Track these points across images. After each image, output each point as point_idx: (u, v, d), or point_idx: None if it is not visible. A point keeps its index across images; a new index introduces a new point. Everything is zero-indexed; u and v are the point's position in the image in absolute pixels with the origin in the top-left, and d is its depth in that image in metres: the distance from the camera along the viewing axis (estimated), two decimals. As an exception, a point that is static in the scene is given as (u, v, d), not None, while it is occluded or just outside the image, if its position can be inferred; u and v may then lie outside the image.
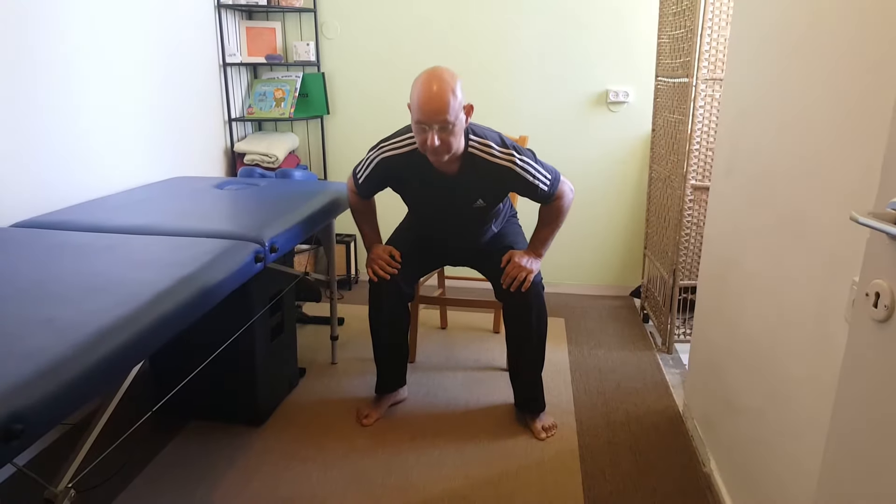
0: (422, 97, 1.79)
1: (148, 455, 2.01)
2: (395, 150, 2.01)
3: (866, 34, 1.09)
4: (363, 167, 2.09)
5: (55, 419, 1.01)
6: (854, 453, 0.87)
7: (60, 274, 1.44)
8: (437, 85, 1.78)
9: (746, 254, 1.68)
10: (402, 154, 2.00)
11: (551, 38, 3.18)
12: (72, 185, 2.17)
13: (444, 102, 1.77)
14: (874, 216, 0.78)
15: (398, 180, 2.10)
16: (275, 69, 3.42)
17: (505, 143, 1.98)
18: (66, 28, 2.11)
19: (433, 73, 1.81)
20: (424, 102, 1.78)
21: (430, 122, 1.80)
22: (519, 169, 1.94)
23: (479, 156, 1.95)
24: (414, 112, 1.83)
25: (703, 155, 2.55)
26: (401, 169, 2.03)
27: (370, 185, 2.11)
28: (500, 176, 1.96)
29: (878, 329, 0.81)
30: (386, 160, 2.02)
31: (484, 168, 1.95)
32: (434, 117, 1.79)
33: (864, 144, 1.09)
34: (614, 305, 3.35)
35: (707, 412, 1.99)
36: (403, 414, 2.27)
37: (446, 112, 1.78)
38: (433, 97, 1.77)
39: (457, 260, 2.33)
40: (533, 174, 1.96)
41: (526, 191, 2.00)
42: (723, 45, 2.42)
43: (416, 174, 2.02)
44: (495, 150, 1.95)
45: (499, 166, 1.95)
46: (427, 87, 1.79)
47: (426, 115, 1.79)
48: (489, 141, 1.95)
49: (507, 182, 1.98)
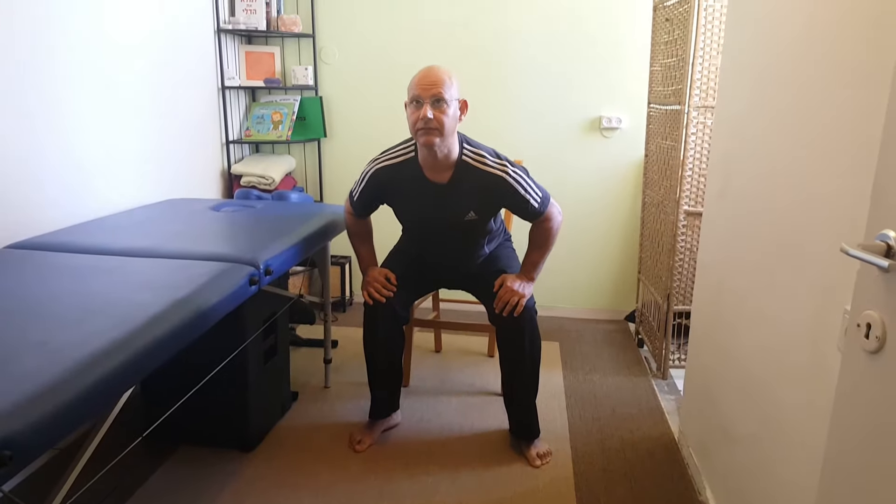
0: (419, 74, 1.90)
1: (137, 480, 1.98)
2: (388, 160, 2.06)
3: (857, 65, 1.11)
4: (358, 183, 2.14)
5: (45, 445, 1.00)
6: (849, 482, 0.87)
7: (55, 296, 1.43)
8: (433, 68, 1.90)
9: (740, 280, 1.69)
10: (395, 164, 2.05)
11: (546, 64, 3.22)
12: (68, 207, 2.17)
13: (440, 77, 1.87)
14: (864, 248, 0.79)
15: (391, 192, 2.12)
16: (273, 93, 3.45)
17: (499, 155, 2.03)
18: (67, 50, 2.13)
19: (432, 64, 1.93)
20: (421, 77, 1.89)
21: (424, 94, 1.87)
22: (511, 179, 1.98)
23: (472, 164, 1.99)
24: (410, 91, 1.91)
25: (696, 181, 2.57)
26: (394, 179, 2.06)
27: (365, 200, 2.14)
28: (493, 185, 1.99)
29: (870, 360, 0.82)
30: (379, 171, 2.07)
31: (476, 177, 1.99)
32: (429, 89, 1.86)
33: (855, 174, 1.10)
34: (609, 330, 3.35)
35: (702, 439, 1.99)
36: (397, 439, 2.25)
37: (441, 85, 1.86)
38: (430, 72, 1.88)
39: (451, 283, 2.33)
40: (525, 187, 2.00)
41: (516, 204, 2.02)
42: (714, 73, 2.46)
43: (408, 184, 2.04)
44: (489, 159, 2.00)
45: (492, 175, 1.98)
46: (425, 68, 1.91)
47: (421, 87, 1.87)
48: (483, 152, 2.01)
49: (499, 193, 2.01)
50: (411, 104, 1.92)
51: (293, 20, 3.20)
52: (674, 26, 2.60)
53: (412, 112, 1.91)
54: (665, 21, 2.74)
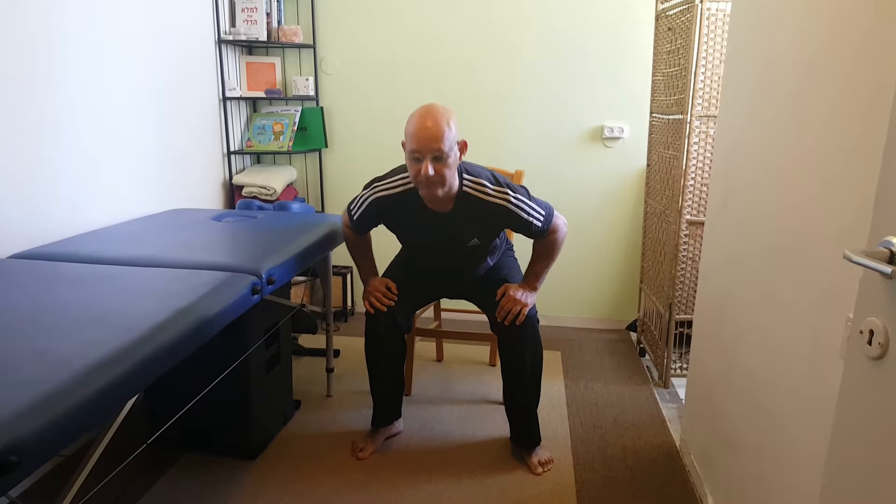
0: (416, 127, 1.82)
1: (141, 488, 1.98)
2: (387, 190, 2.02)
3: (860, 73, 1.12)
4: (357, 205, 2.10)
5: (51, 452, 1.00)
6: (850, 489, 0.87)
7: (57, 305, 1.44)
8: (431, 116, 1.81)
9: (742, 289, 1.69)
10: (395, 194, 2.01)
11: (547, 74, 3.24)
12: (70, 217, 2.18)
13: (439, 132, 1.80)
14: (867, 255, 0.79)
15: (391, 219, 2.11)
16: (274, 103, 3.46)
17: (498, 181, 1.99)
18: (68, 61, 2.15)
19: (427, 106, 1.85)
20: (419, 131, 1.81)
21: (424, 150, 1.81)
22: (513, 207, 1.96)
23: (472, 195, 1.96)
24: (408, 143, 1.85)
25: (698, 190, 2.58)
26: (393, 209, 2.04)
27: (363, 223, 2.13)
28: (495, 214, 1.98)
29: (873, 366, 0.82)
30: (378, 200, 2.04)
31: (478, 207, 1.97)
32: (428, 145, 1.80)
33: (858, 181, 1.11)
34: (610, 339, 3.35)
35: (704, 447, 1.98)
36: (399, 448, 2.25)
37: (440, 140, 1.80)
38: (427, 127, 1.80)
39: (452, 293, 2.33)
40: (527, 211, 1.97)
41: (520, 228, 2.01)
42: (716, 82, 2.47)
43: (409, 214, 2.02)
44: (489, 188, 1.96)
45: (493, 205, 1.96)
46: (421, 118, 1.82)
47: (420, 143, 1.81)
48: (483, 180, 1.97)
49: (502, 220, 2.00)
50: (410, 156, 1.86)
51: (294, 31, 3.22)
52: (676, 35, 2.62)
53: (412, 165, 1.86)
54: (667, 30, 2.76)
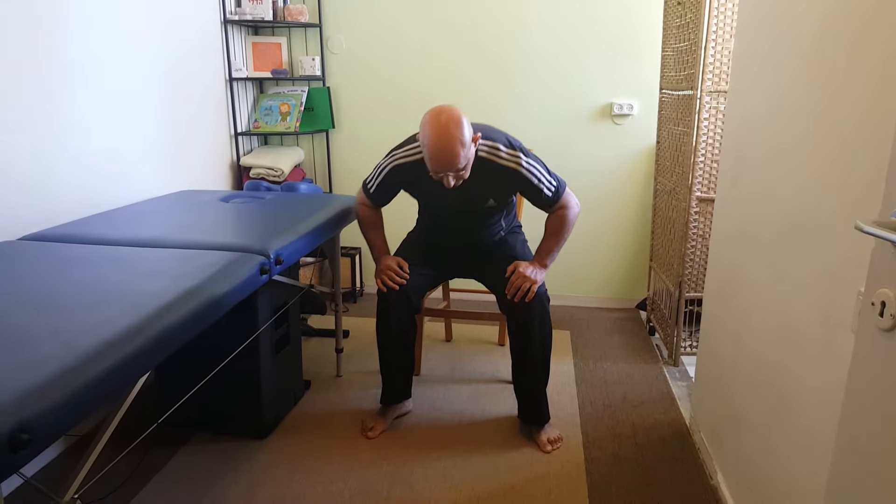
0: (432, 153, 1.85)
1: (153, 467, 2.01)
2: (406, 158, 2.06)
3: (872, 46, 1.10)
4: (374, 176, 2.14)
5: (62, 429, 1.01)
6: (861, 464, 0.86)
7: (68, 286, 1.45)
8: (444, 140, 1.82)
9: (752, 265, 1.68)
10: (413, 162, 2.05)
11: (557, 52, 3.20)
12: (79, 199, 2.19)
13: (454, 156, 1.83)
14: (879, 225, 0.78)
15: (409, 185, 2.15)
16: (280, 84, 3.45)
17: (512, 144, 2.03)
18: (75, 44, 2.14)
19: (440, 125, 1.82)
20: (435, 158, 1.85)
21: (443, 172, 1.88)
22: (524, 171, 2.00)
23: (487, 159, 2.00)
24: (427, 163, 1.89)
25: (709, 167, 2.55)
26: (411, 174, 2.08)
27: (381, 192, 2.15)
28: (507, 177, 2.02)
29: (885, 338, 0.81)
30: (397, 168, 2.08)
31: (492, 170, 2.02)
32: (446, 169, 1.86)
33: (869, 154, 1.09)
34: (620, 318, 3.34)
35: (714, 425, 1.98)
36: (408, 426, 2.26)
37: (457, 163, 1.85)
38: (443, 154, 1.83)
39: (463, 271, 2.33)
40: (538, 177, 2.02)
41: (530, 193, 2.05)
42: (727, 57, 2.43)
43: (427, 180, 2.03)
44: (503, 151, 2.01)
45: (506, 168, 2.01)
46: (435, 142, 1.83)
47: (438, 167, 1.87)
48: (497, 143, 2.01)
49: (513, 183, 2.05)
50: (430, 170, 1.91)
51: (300, 10, 3.19)
52: (686, 10, 2.58)
53: (433, 174, 1.92)
54: (677, 4, 2.71)
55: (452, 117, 1.83)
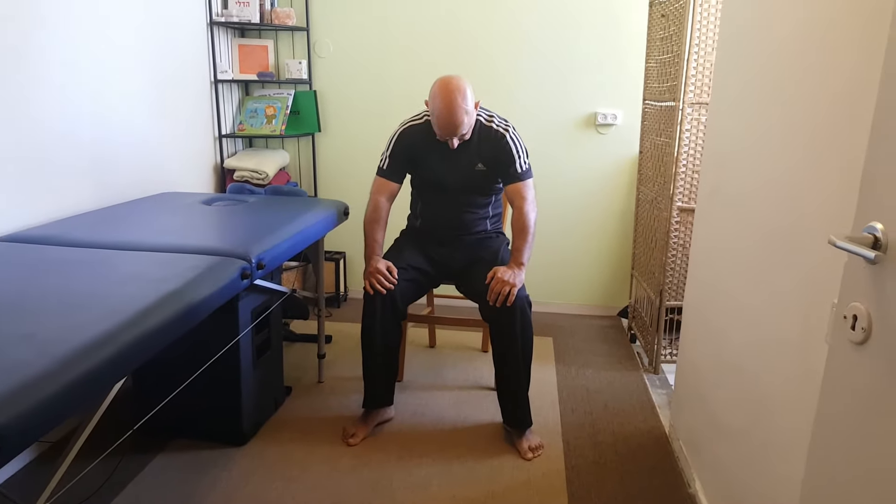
0: (440, 119, 2.09)
1: (129, 474, 1.98)
2: (413, 122, 2.29)
3: (848, 61, 1.12)
4: (387, 147, 2.30)
5: (33, 436, 1.00)
6: (834, 473, 0.87)
7: (43, 289, 1.43)
8: (451, 106, 2.06)
9: (731, 275, 1.69)
10: (421, 124, 2.27)
11: (541, 60, 3.22)
12: (58, 200, 2.16)
13: (459, 122, 2.08)
14: (851, 240, 0.79)
15: (417, 150, 2.29)
16: (266, 86, 3.44)
17: (507, 121, 2.27)
18: (58, 42, 2.12)
19: (447, 90, 2.07)
20: (442, 124, 2.10)
21: (449, 136, 2.12)
22: (509, 137, 2.22)
23: (484, 123, 2.24)
24: (435, 126, 2.14)
25: (690, 177, 2.58)
26: (419, 135, 2.26)
27: (395, 162, 2.29)
28: (494, 139, 2.22)
29: (856, 351, 0.82)
30: (408, 129, 2.28)
31: (486, 132, 2.23)
32: (451, 133, 2.11)
33: (845, 169, 1.10)
34: (602, 325, 3.35)
35: (693, 433, 2.00)
36: (390, 433, 2.26)
37: (461, 128, 2.11)
38: (450, 120, 2.08)
39: (448, 276, 2.35)
40: (517, 149, 2.22)
41: (506, 160, 2.22)
42: (709, 70, 2.46)
43: (430, 140, 2.24)
44: (496, 119, 2.25)
45: (497, 131, 2.22)
46: (443, 109, 2.07)
47: (445, 131, 2.11)
48: (493, 114, 2.27)
49: (499, 148, 2.21)
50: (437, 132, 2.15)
51: (287, 13, 3.19)
52: (669, 22, 2.61)
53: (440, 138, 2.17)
54: (661, 17, 2.74)
55: (459, 88, 2.07)
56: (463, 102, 2.07)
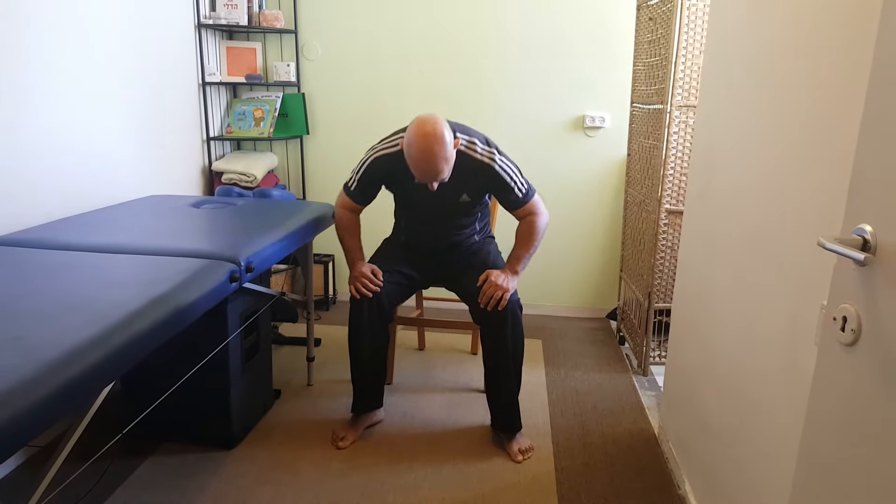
0: (417, 168, 1.94)
1: (118, 478, 1.96)
2: (386, 150, 2.11)
3: (834, 64, 1.13)
4: (356, 172, 2.18)
5: (21, 441, 0.99)
6: (823, 474, 0.88)
7: (31, 292, 1.41)
8: (428, 154, 1.90)
9: (719, 277, 1.71)
10: (394, 153, 2.09)
11: (530, 63, 3.23)
12: (46, 203, 2.14)
13: (438, 169, 1.93)
14: (840, 242, 0.80)
15: (390, 178, 2.18)
16: (255, 89, 3.42)
17: (489, 142, 2.11)
18: (44, 44, 2.10)
19: (424, 141, 1.89)
20: (420, 174, 1.95)
21: (428, 182, 1.98)
22: (497, 167, 2.07)
23: (465, 153, 2.06)
24: (412, 170, 1.97)
25: (678, 180, 2.60)
26: (391, 165, 2.11)
27: (364, 187, 2.18)
28: (481, 172, 2.08)
29: (845, 352, 0.83)
30: (379, 159, 2.12)
31: (468, 163, 2.07)
32: (430, 179, 1.96)
33: (833, 170, 1.12)
34: (591, 327, 3.37)
35: (682, 434, 2.01)
36: (379, 436, 2.25)
37: (440, 174, 1.96)
38: (428, 169, 1.93)
39: (437, 279, 2.34)
40: (510, 175, 2.09)
41: (502, 190, 2.11)
42: (696, 73, 2.48)
43: (407, 171, 2.06)
44: (478, 147, 2.08)
45: (480, 162, 2.07)
46: (420, 160, 1.92)
47: (423, 177, 1.96)
48: (474, 139, 2.09)
49: (486, 179, 2.10)
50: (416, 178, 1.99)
51: (275, 15, 3.18)
52: (657, 25, 2.62)
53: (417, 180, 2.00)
54: (648, 20, 2.76)
55: (436, 135, 1.89)
56: (442, 151, 1.89)
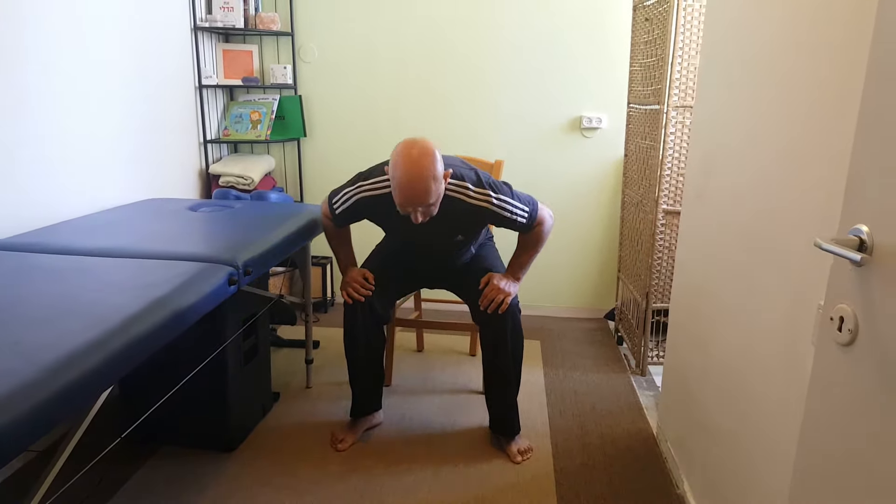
0: (402, 187, 1.80)
1: (116, 482, 1.96)
2: (372, 191, 2.00)
3: (830, 64, 1.14)
4: (340, 201, 2.07)
5: (21, 446, 0.98)
6: (821, 474, 0.89)
7: (30, 296, 1.41)
8: (415, 175, 1.78)
9: (717, 277, 1.71)
10: (380, 195, 1.99)
11: (526, 64, 3.23)
12: (43, 207, 2.14)
13: (425, 191, 1.79)
14: (836, 242, 0.80)
15: (376, 217, 2.11)
16: (251, 91, 3.42)
17: (481, 181, 1.97)
18: (40, 46, 2.10)
19: (412, 158, 1.79)
20: (405, 193, 1.80)
21: (412, 207, 1.83)
22: (496, 208, 1.96)
23: (456, 198, 1.96)
24: (395, 196, 1.84)
25: (675, 180, 2.60)
26: (378, 206, 2.03)
27: (346, 218, 2.11)
28: (477, 214, 1.98)
29: (843, 352, 0.84)
30: (363, 200, 2.02)
31: (460, 208, 1.97)
32: (416, 203, 1.82)
33: (830, 170, 1.12)
34: (589, 328, 3.37)
35: (680, 434, 2.01)
36: (378, 438, 2.25)
37: (427, 199, 1.81)
38: (414, 189, 1.79)
39: (434, 282, 2.33)
40: (510, 210, 1.98)
41: (504, 224, 2.02)
42: (693, 73, 2.49)
43: (394, 214, 2.00)
44: (471, 190, 1.95)
45: (475, 206, 1.96)
46: (406, 176, 1.78)
47: (408, 202, 1.82)
48: (466, 182, 1.96)
49: (484, 219, 2.02)
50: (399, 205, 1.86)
51: (271, 18, 3.18)
52: (653, 26, 2.63)
53: (401, 209, 1.86)
54: (645, 21, 2.77)
55: (425, 150, 1.79)
56: (430, 166, 1.78)
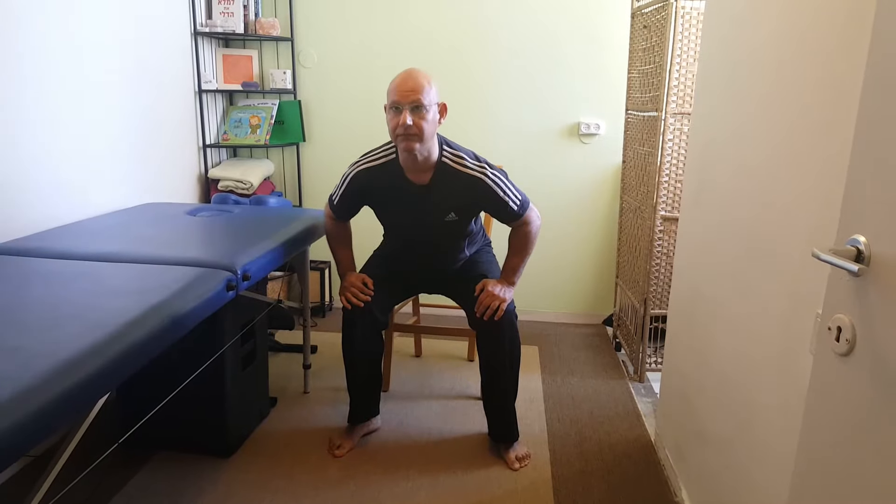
0: (398, 79, 1.90)
1: (113, 488, 1.95)
2: (369, 163, 2.08)
3: (828, 72, 1.14)
4: (339, 186, 2.14)
5: (18, 452, 0.98)
6: (820, 483, 0.89)
7: (28, 302, 1.41)
8: (412, 72, 1.91)
9: (715, 285, 1.71)
10: (377, 166, 2.06)
11: (525, 71, 3.24)
12: (42, 212, 2.14)
13: (419, 84, 1.88)
14: (834, 253, 0.81)
15: (373, 194, 2.13)
16: (251, 96, 3.42)
17: (478, 158, 2.05)
18: (40, 51, 2.10)
19: (409, 68, 1.94)
20: (400, 83, 1.89)
21: (403, 101, 1.88)
22: (489, 181, 2.00)
23: (451, 165, 2.01)
24: (389, 96, 1.92)
25: (673, 186, 2.61)
26: (375, 180, 2.07)
27: (346, 203, 2.14)
28: (471, 187, 2.01)
29: (840, 363, 0.84)
30: (361, 173, 2.08)
31: (456, 178, 2.01)
32: (408, 95, 1.87)
33: (828, 179, 1.13)
34: (587, 334, 3.37)
35: (678, 441, 2.01)
36: (376, 444, 2.25)
37: (420, 92, 1.88)
38: (408, 79, 1.89)
39: (431, 287, 2.34)
40: (503, 189, 2.02)
41: (496, 206, 2.04)
42: (691, 80, 2.50)
43: (390, 185, 2.04)
44: (468, 161, 2.02)
45: (470, 177, 2.00)
46: (403, 72, 1.92)
47: (400, 93, 1.88)
48: (462, 153, 2.03)
49: (478, 194, 2.03)
50: (391, 109, 1.92)
51: (271, 23, 3.18)
52: (651, 33, 2.64)
53: (392, 117, 1.92)
54: (643, 28, 2.78)
55: (420, 69, 1.94)
56: (427, 74, 1.92)
